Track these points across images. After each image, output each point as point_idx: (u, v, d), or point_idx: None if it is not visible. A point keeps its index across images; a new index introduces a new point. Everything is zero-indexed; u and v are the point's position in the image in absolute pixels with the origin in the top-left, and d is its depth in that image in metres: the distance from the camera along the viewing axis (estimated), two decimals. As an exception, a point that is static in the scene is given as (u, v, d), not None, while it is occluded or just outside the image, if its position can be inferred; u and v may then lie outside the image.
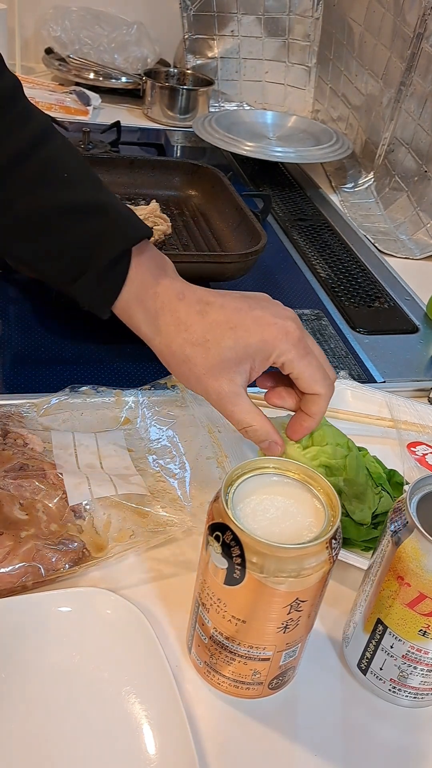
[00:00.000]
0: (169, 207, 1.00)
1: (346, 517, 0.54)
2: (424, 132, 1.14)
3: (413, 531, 0.41)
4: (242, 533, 0.39)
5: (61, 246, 0.52)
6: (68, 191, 0.52)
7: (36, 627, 0.47)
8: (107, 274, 0.52)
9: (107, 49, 1.52)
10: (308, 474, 0.43)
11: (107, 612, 0.48)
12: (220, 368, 0.50)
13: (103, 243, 0.51)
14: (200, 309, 0.51)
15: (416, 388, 0.79)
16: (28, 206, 0.51)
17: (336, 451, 0.54)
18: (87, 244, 0.51)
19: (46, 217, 0.51)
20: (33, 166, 0.52)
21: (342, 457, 0.54)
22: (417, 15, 1.11)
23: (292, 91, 1.55)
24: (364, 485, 0.55)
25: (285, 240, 1.10)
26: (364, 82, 1.31)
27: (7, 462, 0.56)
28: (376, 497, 0.55)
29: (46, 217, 0.51)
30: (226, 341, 0.50)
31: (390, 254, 1.10)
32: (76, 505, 0.54)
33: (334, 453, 0.54)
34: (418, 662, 0.44)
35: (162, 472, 0.60)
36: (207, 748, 0.44)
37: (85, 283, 0.52)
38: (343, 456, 0.55)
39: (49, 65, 1.53)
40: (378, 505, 0.55)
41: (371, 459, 0.59)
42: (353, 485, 0.54)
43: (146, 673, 0.45)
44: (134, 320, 0.53)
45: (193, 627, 0.46)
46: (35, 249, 0.53)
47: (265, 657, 0.43)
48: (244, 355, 0.50)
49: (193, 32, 1.49)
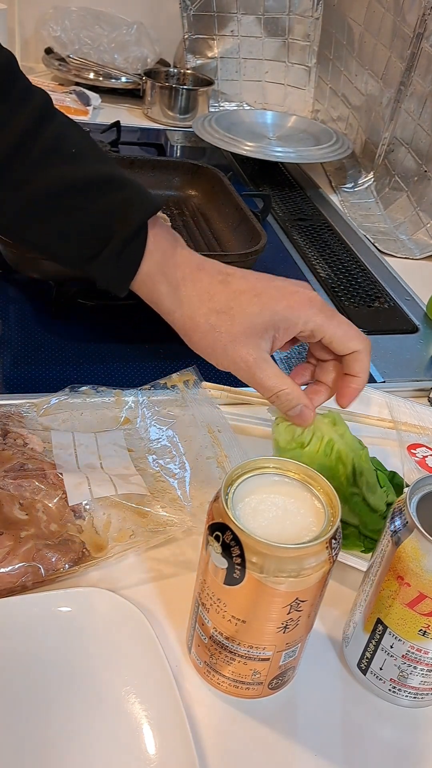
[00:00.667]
0: (169, 207, 1.00)
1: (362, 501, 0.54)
2: (424, 132, 1.14)
3: (413, 531, 0.41)
4: (242, 533, 0.39)
5: (78, 223, 0.51)
6: (80, 167, 0.51)
7: (36, 627, 0.47)
8: (127, 248, 0.50)
9: (107, 49, 1.52)
10: (308, 474, 0.43)
11: (107, 612, 0.48)
12: (246, 335, 0.49)
13: (121, 216, 0.50)
14: (222, 279, 0.51)
15: (416, 388, 0.79)
16: (41, 185, 0.50)
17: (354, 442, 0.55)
18: (104, 219, 0.50)
19: (61, 194, 0.50)
20: (41, 143, 0.50)
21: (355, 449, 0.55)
22: (417, 15, 1.11)
23: (292, 91, 1.55)
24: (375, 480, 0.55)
25: (285, 240, 1.10)
26: (364, 82, 1.31)
27: (7, 462, 0.56)
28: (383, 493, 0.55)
29: (60, 194, 0.50)
30: (252, 308, 0.49)
31: (390, 254, 1.10)
32: (75, 505, 0.54)
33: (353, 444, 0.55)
34: (418, 662, 0.44)
35: (162, 472, 0.60)
36: (207, 748, 0.44)
37: (104, 260, 0.50)
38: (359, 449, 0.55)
39: (49, 65, 1.53)
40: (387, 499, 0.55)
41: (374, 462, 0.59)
42: (369, 474, 0.54)
43: (146, 673, 0.45)
44: (155, 294, 0.51)
45: (193, 627, 0.46)
46: (51, 230, 0.51)
47: (265, 657, 0.43)
48: (270, 321, 0.49)
49: (193, 32, 1.49)
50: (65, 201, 0.50)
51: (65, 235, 0.51)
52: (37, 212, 0.51)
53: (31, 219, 0.51)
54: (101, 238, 0.51)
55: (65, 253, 0.53)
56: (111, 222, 0.50)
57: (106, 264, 0.51)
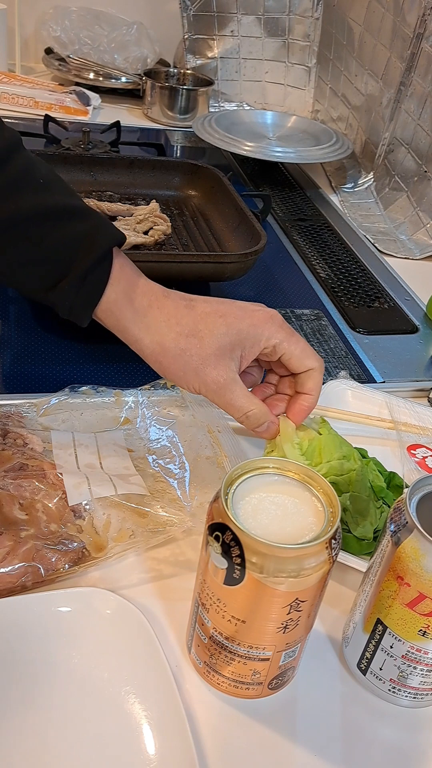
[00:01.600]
0: (169, 207, 1.00)
1: (348, 533, 0.54)
2: (423, 132, 1.14)
3: (413, 531, 0.41)
4: (242, 533, 0.39)
5: (41, 250, 0.51)
6: (46, 196, 0.52)
7: (36, 627, 0.47)
8: (90, 275, 0.51)
9: (107, 49, 1.52)
10: (308, 474, 0.43)
11: (107, 612, 0.48)
12: (216, 356, 0.51)
13: (86, 244, 0.51)
14: (186, 304, 0.52)
15: (416, 388, 0.79)
16: (6, 213, 0.50)
17: (343, 466, 0.55)
18: (69, 247, 0.51)
19: (26, 222, 0.51)
20: (8, 172, 0.51)
21: (348, 471, 0.55)
22: (417, 15, 1.11)
23: (292, 91, 1.55)
24: (368, 501, 0.55)
25: (285, 240, 1.10)
26: (364, 83, 1.31)
27: (7, 462, 0.56)
28: (377, 512, 0.55)
29: (25, 222, 0.51)
30: (219, 328, 0.51)
31: (390, 254, 1.10)
32: (75, 505, 0.54)
33: (341, 467, 0.55)
34: (417, 662, 0.44)
35: (162, 472, 0.60)
36: (207, 748, 0.44)
37: (66, 287, 0.51)
38: (350, 470, 0.55)
39: (49, 65, 1.53)
40: (379, 520, 0.55)
41: (372, 467, 0.59)
42: (358, 502, 0.55)
43: (146, 673, 0.45)
44: (122, 321, 0.52)
45: (192, 627, 0.46)
46: (13, 257, 0.51)
47: (265, 657, 0.43)
48: (236, 340, 0.51)
49: (193, 32, 1.49)
50: (30, 229, 0.51)
51: (28, 263, 0.52)
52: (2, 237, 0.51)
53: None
54: (65, 265, 0.51)
55: (27, 280, 0.53)
56: (75, 250, 0.51)
57: (67, 291, 0.51)
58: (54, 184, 0.53)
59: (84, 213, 0.53)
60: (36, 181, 0.52)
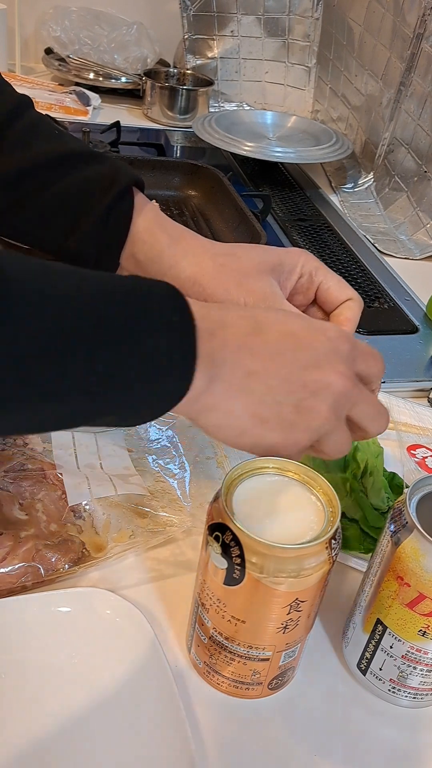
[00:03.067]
0: (169, 207, 1.00)
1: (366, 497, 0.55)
2: (423, 132, 1.14)
3: (413, 531, 0.41)
4: (242, 533, 0.39)
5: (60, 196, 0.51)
6: (61, 143, 0.52)
7: (36, 627, 0.47)
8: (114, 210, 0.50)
9: (107, 49, 1.51)
10: (308, 474, 0.43)
11: (107, 612, 0.48)
12: (257, 271, 0.50)
13: (105, 183, 0.50)
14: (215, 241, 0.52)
15: (416, 388, 0.79)
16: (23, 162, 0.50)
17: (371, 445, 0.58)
18: (87, 188, 0.50)
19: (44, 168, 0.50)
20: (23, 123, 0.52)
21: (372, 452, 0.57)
22: (417, 15, 1.11)
23: (292, 92, 1.55)
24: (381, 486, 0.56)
25: (285, 240, 1.10)
26: (364, 83, 1.31)
27: (6, 462, 0.56)
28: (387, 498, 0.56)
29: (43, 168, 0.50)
30: (255, 251, 0.51)
31: (390, 254, 1.10)
32: (75, 505, 0.54)
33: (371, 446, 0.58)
34: (417, 662, 0.44)
35: (162, 473, 0.60)
36: (207, 748, 0.44)
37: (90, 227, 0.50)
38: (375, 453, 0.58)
39: (49, 65, 1.53)
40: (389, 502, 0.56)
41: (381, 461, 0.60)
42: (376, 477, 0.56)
43: (146, 672, 0.45)
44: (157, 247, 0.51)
45: (192, 627, 0.46)
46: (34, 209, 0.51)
47: (265, 657, 0.43)
48: (274, 264, 0.50)
49: (193, 32, 1.49)
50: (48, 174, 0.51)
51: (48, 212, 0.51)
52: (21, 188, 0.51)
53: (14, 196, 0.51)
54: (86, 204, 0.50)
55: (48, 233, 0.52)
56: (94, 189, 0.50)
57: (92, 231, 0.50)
58: (68, 136, 0.54)
59: (101, 157, 0.52)
60: (50, 132, 0.53)
